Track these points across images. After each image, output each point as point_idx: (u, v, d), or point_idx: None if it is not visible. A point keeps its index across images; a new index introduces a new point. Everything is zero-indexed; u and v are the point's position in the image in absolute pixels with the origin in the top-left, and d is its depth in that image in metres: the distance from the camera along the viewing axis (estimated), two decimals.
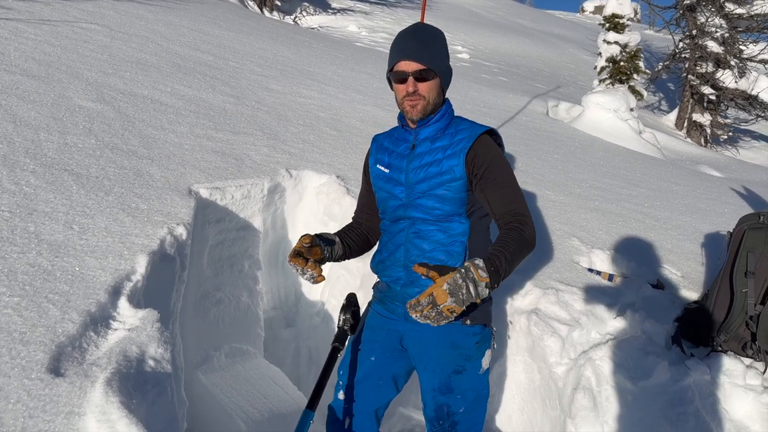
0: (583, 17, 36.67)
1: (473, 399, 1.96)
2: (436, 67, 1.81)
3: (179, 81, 4.25)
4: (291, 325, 3.57)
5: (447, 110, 1.92)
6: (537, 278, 2.98)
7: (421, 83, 1.81)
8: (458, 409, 1.95)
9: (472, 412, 1.97)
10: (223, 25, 7.15)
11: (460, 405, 1.95)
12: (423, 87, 1.81)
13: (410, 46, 1.80)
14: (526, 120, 7.05)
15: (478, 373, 1.95)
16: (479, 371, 1.95)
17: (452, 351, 1.92)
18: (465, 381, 1.94)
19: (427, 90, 1.82)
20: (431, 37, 1.84)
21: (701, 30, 12.73)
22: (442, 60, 1.84)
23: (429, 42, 1.82)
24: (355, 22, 16.03)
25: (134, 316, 1.84)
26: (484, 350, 1.95)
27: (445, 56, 1.87)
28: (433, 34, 1.85)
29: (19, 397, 1.43)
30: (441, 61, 1.84)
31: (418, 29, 1.85)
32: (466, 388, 1.94)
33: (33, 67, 3.49)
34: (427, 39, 1.82)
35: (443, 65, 1.85)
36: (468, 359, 1.93)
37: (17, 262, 1.88)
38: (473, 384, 1.95)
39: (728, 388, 2.53)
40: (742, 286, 2.64)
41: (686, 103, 13.27)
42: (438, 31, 1.88)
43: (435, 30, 1.88)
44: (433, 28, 1.88)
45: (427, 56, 1.79)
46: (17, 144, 2.57)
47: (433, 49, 1.82)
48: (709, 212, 4.58)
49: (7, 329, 1.61)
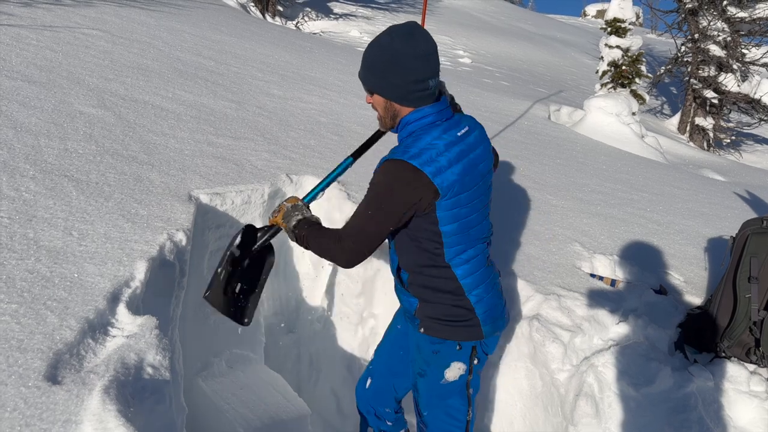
0: (585, 21, 36.69)
1: (436, 408, 2.16)
2: (369, 85, 1.93)
3: (180, 86, 4.25)
4: (291, 331, 3.56)
5: (403, 127, 1.95)
6: (538, 284, 2.96)
7: (370, 97, 1.97)
8: (423, 410, 2.20)
9: (438, 421, 2.18)
10: (225, 30, 7.16)
11: (424, 407, 2.20)
12: (370, 99, 1.97)
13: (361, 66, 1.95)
14: (528, 124, 7.04)
15: (440, 383, 2.11)
16: (441, 381, 2.10)
17: (417, 354, 2.16)
18: (426, 385, 2.15)
19: (374, 104, 1.97)
20: (368, 56, 1.90)
21: (703, 34, 12.71)
22: (376, 78, 1.89)
23: (365, 62, 1.91)
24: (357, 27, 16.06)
25: (133, 322, 1.83)
26: (447, 362, 2.08)
27: (383, 73, 1.87)
28: (372, 54, 1.89)
29: (15, 405, 1.42)
30: (376, 79, 1.90)
31: (365, 50, 1.92)
32: (428, 393, 2.16)
33: (34, 72, 3.50)
34: (365, 59, 1.91)
35: (378, 83, 1.90)
36: (428, 365, 2.12)
37: (16, 269, 1.87)
38: (435, 391, 2.14)
39: (732, 394, 2.51)
40: (745, 292, 2.63)
41: (688, 107, 13.25)
42: (377, 50, 1.88)
43: (377, 48, 1.88)
44: (376, 45, 1.89)
45: (363, 77, 1.94)
46: (17, 150, 2.56)
47: (367, 69, 1.91)
48: (712, 216, 4.56)
49: (5, 336, 1.61)
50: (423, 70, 1.84)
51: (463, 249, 1.99)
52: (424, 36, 1.84)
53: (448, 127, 1.90)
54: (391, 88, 1.88)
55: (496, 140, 5.64)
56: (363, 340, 3.27)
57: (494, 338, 2.19)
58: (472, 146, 1.94)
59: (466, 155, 1.89)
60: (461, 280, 2.02)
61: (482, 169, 1.98)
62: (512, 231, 3.51)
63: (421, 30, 1.86)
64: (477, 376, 2.18)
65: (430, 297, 2.06)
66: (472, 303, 2.04)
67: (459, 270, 2.00)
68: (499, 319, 2.12)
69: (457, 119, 1.96)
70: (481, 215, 2.01)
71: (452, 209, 1.88)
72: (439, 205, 1.86)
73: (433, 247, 1.96)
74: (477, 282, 2.04)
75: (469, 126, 1.98)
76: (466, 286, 2.03)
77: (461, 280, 2.01)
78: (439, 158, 1.82)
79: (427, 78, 1.86)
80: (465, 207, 1.91)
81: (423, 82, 1.85)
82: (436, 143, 1.85)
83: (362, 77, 1.93)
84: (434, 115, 1.90)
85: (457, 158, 1.86)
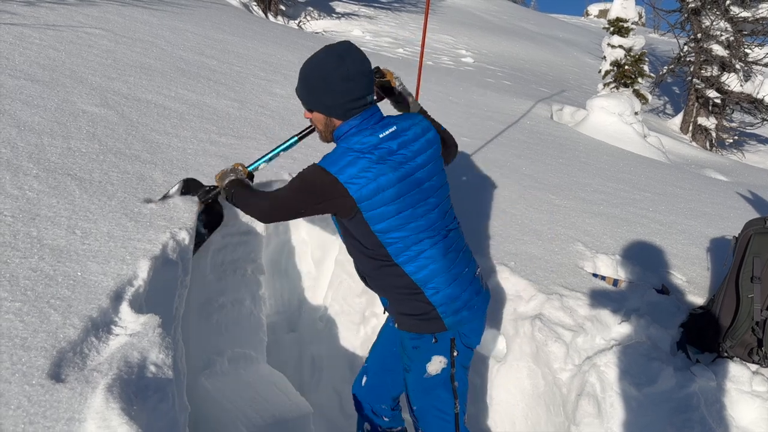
0: (588, 21, 36.63)
1: (424, 403, 2.23)
2: (309, 105, 2.05)
3: (183, 85, 4.25)
4: (294, 330, 3.56)
5: (336, 139, 2.06)
6: (541, 283, 2.96)
7: (308, 112, 2.08)
8: (413, 405, 2.28)
9: (427, 416, 2.25)
10: (228, 29, 7.16)
11: (413, 402, 2.27)
12: (309, 115, 2.09)
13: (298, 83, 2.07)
14: (531, 124, 7.04)
15: (423, 377, 2.17)
16: (424, 375, 2.16)
17: (402, 350, 2.25)
18: (412, 380, 2.22)
19: (314, 120, 2.08)
20: (306, 78, 2.01)
21: (706, 33, 12.69)
22: (316, 98, 2.01)
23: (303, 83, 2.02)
24: (360, 26, 16.05)
25: (136, 321, 1.83)
26: (427, 356, 2.14)
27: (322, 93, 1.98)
28: (309, 76, 1.99)
29: (19, 403, 1.43)
30: (315, 99, 2.01)
31: (302, 67, 2.03)
32: (415, 388, 2.24)
33: (37, 71, 3.50)
34: (303, 81, 2.02)
35: (318, 102, 2.01)
36: (411, 360, 2.19)
37: (19, 267, 1.87)
38: (420, 386, 2.21)
39: (734, 394, 2.51)
40: (748, 292, 2.62)
41: (691, 106, 13.23)
42: (310, 69, 1.99)
43: (309, 67, 2.00)
44: (308, 66, 2.00)
45: (301, 96, 2.06)
46: (21, 148, 2.57)
47: (307, 90, 2.02)
48: (715, 216, 4.55)
49: (9, 335, 1.61)
50: (357, 90, 1.96)
51: (407, 245, 2.02)
52: (355, 57, 1.95)
53: (370, 133, 1.98)
54: (329, 107, 2.00)
55: (499, 140, 5.64)
56: (365, 339, 3.27)
57: (473, 330, 2.20)
58: (401, 145, 2.00)
59: (389, 156, 1.96)
60: (413, 276, 2.05)
61: (415, 165, 2.02)
62: (515, 230, 3.51)
63: (354, 51, 1.97)
64: (461, 369, 2.20)
65: (392, 295, 2.15)
66: (428, 296, 2.07)
67: (408, 267, 2.04)
68: (462, 309, 2.12)
69: (384, 123, 2.03)
70: (420, 210, 2.02)
71: (377, 208, 1.94)
72: (362, 208, 1.93)
73: (376, 248, 2.03)
74: (432, 275, 2.06)
75: (399, 125, 2.04)
76: (420, 281, 2.06)
77: (413, 276, 2.05)
78: (354, 162, 1.92)
79: (364, 95, 1.98)
80: (393, 204, 1.95)
81: (362, 98, 1.98)
82: (354, 147, 1.96)
83: (300, 97, 2.06)
84: (357, 126, 2.00)
85: (375, 161, 1.93)
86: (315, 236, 3.50)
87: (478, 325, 2.23)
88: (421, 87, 3.55)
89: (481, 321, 2.25)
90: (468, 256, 2.23)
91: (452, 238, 2.14)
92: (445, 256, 2.09)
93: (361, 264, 2.17)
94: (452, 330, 2.12)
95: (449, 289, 2.09)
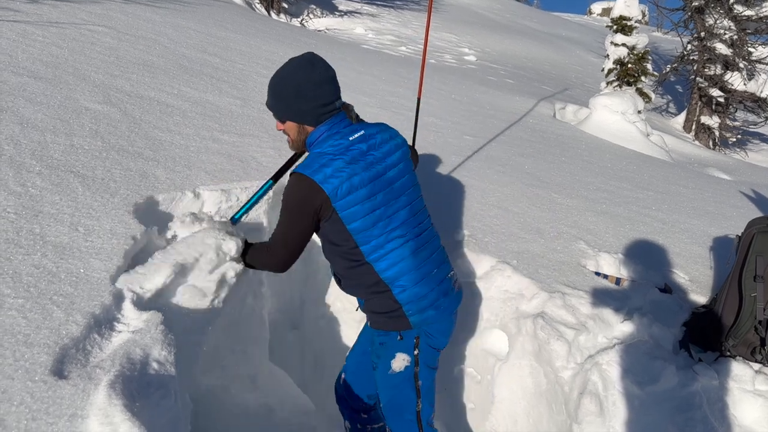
0: (591, 19, 36.56)
1: (390, 400, 2.29)
2: (281, 114, 2.12)
3: (186, 83, 4.25)
4: (296, 328, 3.56)
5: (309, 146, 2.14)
6: (543, 282, 2.96)
7: (280, 123, 2.15)
8: (381, 401, 2.33)
9: (392, 413, 2.31)
10: (230, 27, 7.16)
11: (381, 398, 2.32)
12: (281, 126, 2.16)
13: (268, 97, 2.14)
14: (533, 122, 7.02)
15: (387, 373, 2.22)
16: (388, 371, 2.22)
17: (371, 348, 2.31)
18: (379, 377, 2.28)
19: (286, 129, 2.15)
20: (276, 88, 2.09)
21: (710, 32, 12.66)
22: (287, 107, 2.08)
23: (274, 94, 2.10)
24: (362, 24, 16.04)
25: (138, 318, 1.84)
26: (392, 353, 2.20)
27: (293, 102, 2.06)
28: (279, 86, 2.07)
29: (22, 399, 1.43)
30: (287, 108, 2.09)
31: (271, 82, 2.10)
32: (381, 384, 2.29)
33: (40, 69, 3.51)
34: (274, 92, 2.10)
35: (290, 111, 2.09)
36: (378, 357, 2.25)
37: (22, 264, 1.88)
38: (385, 382, 2.27)
39: (737, 393, 2.51)
40: (751, 291, 2.62)
41: (694, 105, 13.20)
42: (283, 82, 2.06)
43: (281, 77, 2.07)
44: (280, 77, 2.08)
45: (272, 108, 2.13)
46: (24, 146, 2.57)
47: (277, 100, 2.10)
48: (718, 215, 4.54)
49: (12, 331, 1.61)
50: (328, 95, 2.06)
51: (379, 244, 2.07)
52: (322, 64, 2.07)
53: (340, 137, 2.07)
54: (302, 114, 2.08)
55: (501, 138, 5.63)
56: None
57: (440, 330, 2.23)
58: (371, 147, 2.09)
59: (360, 156, 2.05)
60: (381, 274, 2.10)
61: (386, 166, 2.10)
62: (517, 228, 3.51)
63: (319, 59, 2.09)
64: (426, 368, 2.24)
65: (363, 294, 2.21)
66: (394, 294, 2.12)
67: (378, 264, 2.09)
68: (428, 309, 2.16)
69: (353, 128, 2.12)
70: (392, 208, 2.09)
71: (350, 207, 2.01)
72: (337, 206, 2.00)
73: (349, 248, 2.09)
74: (400, 273, 2.11)
75: (366, 131, 2.13)
76: (388, 279, 2.11)
77: (381, 273, 2.10)
78: (328, 164, 2.00)
79: (334, 100, 2.09)
80: (366, 203, 2.02)
81: (331, 104, 2.08)
82: (327, 150, 2.05)
83: (273, 108, 2.13)
84: (327, 131, 2.08)
85: (348, 161, 2.02)
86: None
87: (445, 326, 2.26)
88: (423, 85, 3.54)
89: (449, 322, 2.27)
90: (441, 257, 2.27)
91: (424, 238, 2.20)
92: (414, 254, 2.13)
93: (335, 265, 2.22)
94: (417, 329, 2.17)
95: (416, 288, 2.13)
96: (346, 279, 2.22)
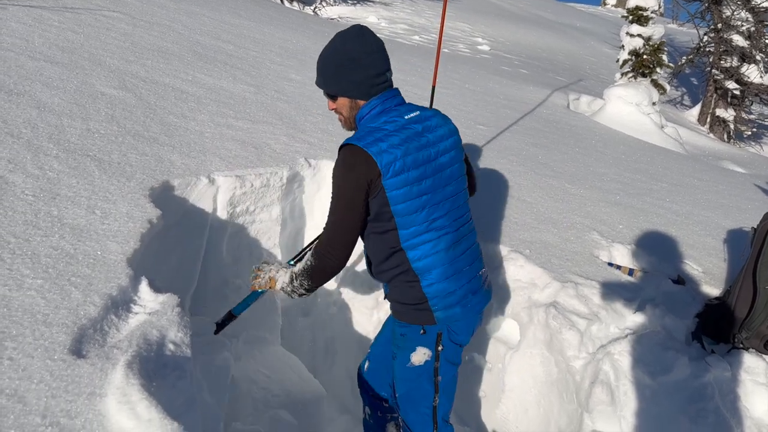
0: (605, 10, 36.21)
1: (406, 392, 2.24)
2: (332, 90, 2.04)
3: (200, 69, 4.26)
4: (307, 315, 3.58)
5: (359, 122, 2.06)
6: (556, 271, 2.96)
7: (332, 102, 2.08)
8: (397, 392, 2.27)
9: (406, 405, 2.26)
10: (244, 14, 7.16)
11: (397, 389, 2.27)
12: (333, 105, 2.09)
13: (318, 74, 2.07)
14: (547, 113, 6.99)
15: (406, 366, 2.17)
16: (407, 364, 2.17)
17: (392, 337, 2.25)
18: (397, 367, 2.23)
19: (338, 108, 2.08)
20: (325, 63, 2.03)
21: (726, 23, 12.51)
22: (338, 81, 2.01)
23: (324, 70, 2.03)
24: (375, 12, 15.98)
25: (155, 300, 1.85)
26: (413, 346, 2.15)
27: (344, 75, 1.99)
28: (329, 60, 2.01)
29: (42, 377, 1.45)
30: (338, 83, 2.01)
31: (320, 59, 2.04)
32: (399, 376, 2.24)
33: (56, 54, 3.53)
34: (324, 67, 2.03)
35: (341, 85, 2.02)
36: (398, 348, 2.20)
37: (40, 246, 1.90)
38: (402, 374, 2.21)
39: (749, 385, 2.50)
40: (765, 283, 2.60)
41: (709, 98, 13.07)
42: (334, 56, 2.00)
43: (331, 50, 2.01)
44: (330, 50, 2.02)
45: (324, 84, 2.06)
46: (41, 129, 2.59)
47: (327, 75, 2.03)
48: (732, 208, 4.51)
49: (31, 311, 1.64)
50: (380, 64, 1.99)
51: (418, 231, 2.00)
52: (371, 34, 2.01)
53: (397, 114, 2.00)
54: (355, 86, 2.00)
55: (515, 128, 5.61)
56: (378, 324, 3.28)
57: (464, 328, 2.16)
58: (426, 129, 2.02)
59: (416, 136, 1.97)
60: (413, 263, 2.03)
61: (439, 150, 2.03)
62: (530, 218, 3.50)
63: (368, 29, 2.01)
64: (447, 364, 2.17)
65: (391, 281, 2.13)
66: (423, 287, 2.05)
67: (412, 252, 2.02)
68: (455, 306, 2.09)
69: (408, 106, 2.05)
70: (438, 196, 2.02)
71: (400, 188, 1.92)
72: (386, 184, 1.91)
73: (387, 229, 2.01)
74: (431, 266, 2.04)
75: (422, 112, 2.06)
76: (418, 269, 2.04)
77: (413, 262, 2.03)
78: (384, 138, 1.91)
79: (385, 70, 2.01)
80: (415, 186, 1.95)
81: (383, 74, 2.01)
82: (383, 126, 1.96)
83: (323, 84, 2.05)
84: (381, 104, 2.01)
85: (404, 139, 1.94)
86: None
87: (470, 323, 2.18)
88: (438, 74, 3.53)
89: (474, 320, 2.20)
90: (475, 254, 2.20)
91: (462, 232, 2.12)
92: (449, 248, 2.06)
93: (370, 247, 2.13)
94: (441, 324, 2.10)
95: (445, 283, 2.06)
96: (378, 264, 2.13)
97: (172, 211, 2.48)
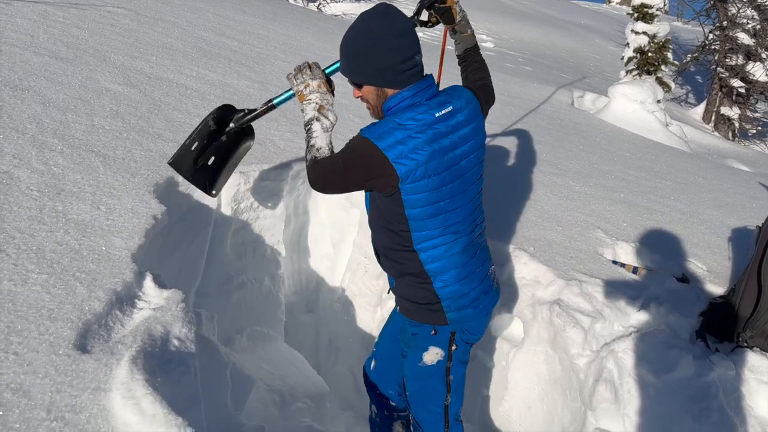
0: (610, 8, 36.09)
1: (417, 390, 2.20)
2: (356, 77, 1.88)
3: (204, 65, 4.26)
4: (311, 311, 3.59)
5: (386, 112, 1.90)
6: (560, 269, 2.95)
7: (358, 90, 1.92)
8: (407, 390, 2.23)
9: (417, 404, 2.22)
10: (248, 10, 7.15)
11: (407, 387, 2.22)
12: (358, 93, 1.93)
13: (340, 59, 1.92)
14: (551, 110, 6.97)
15: (418, 365, 2.13)
16: (419, 363, 2.12)
17: (402, 335, 2.20)
18: (407, 366, 2.18)
19: (364, 96, 1.92)
20: (348, 47, 1.87)
21: (732, 21, 12.45)
22: (362, 67, 1.85)
23: (346, 54, 1.88)
24: None
25: (159, 296, 1.86)
26: (425, 345, 2.10)
27: (368, 60, 1.82)
28: (351, 44, 1.85)
29: (47, 372, 1.46)
30: (362, 69, 1.86)
31: (343, 42, 1.88)
32: (409, 375, 2.19)
33: (61, 49, 3.53)
34: (346, 51, 1.87)
35: (365, 72, 1.86)
36: (408, 347, 2.15)
37: (45, 241, 1.90)
38: (413, 373, 2.16)
39: (753, 384, 2.49)
40: None
41: (714, 96, 13.02)
42: (356, 39, 1.83)
43: (354, 34, 1.84)
44: (352, 33, 1.85)
45: (347, 71, 1.90)
46: (46, 125, 2.59)
47: (350, 61, 1.87)
48: (737, 206, 4.50)
49: (36, 306, 1.64)
50: (408, 48, 1.81)
51: (431, 235, 1.93)
52: (398, 13, 1.82)
53: (426, 109, 1.83)
54: (380, 73, 1.83)
55: (519, 125, 5.60)
56: (381, 320, 3.28)
57: (475, 327, 2.14)
58: (454, 128, 1.87)
59: (441, 138, 1.83)
60: (426, 265, 1.98)
61: (461, 153, 1.90)
62: (534, 216, 3.49)
63: (394, 8, 1.83)
64: (458, 363, 2.15)
65: (401, 278, 2.08)
66: (435, 288, 2.00)
67: (424, 254, 1.96)
68: (468, 307, 2.05)
69: (439, 100, 1.88)
70: (456, 202, 1.93)
71: (418, 193, 1.83)
72: (404, 189, 1.81)
73: (401, 230, 1.94)
74: (445, 268, 1.99)
75: (454, 104, 1.90)
76: (431, 271, 1.99)
77: (426, 264, 1.98)
78: (406, 141, 1.77)
79: (414, 54, 1.83)
80: (434, 193, 1.86)
81: (411, 59, 1.82)
82: (408, 123, 1.80)
83: (347, 71, 1.90)
84: (412, 98, 1.85)
85: (428, 141, 1.80)
86: (334, 218, 3.51)
87: (481, 323, 2.16)
88: (442, 72, 3.52)
89: (485, 319, 2.18)
90: (485, 254, 2.16)
91: (475, 235, 2.07)
92: (463, 251, 2.01)
93: (381, 240, 2.06)
94: (453, 325, 2.07)
95: (458, 285, 2.02)
96: (388, 259, 2.07)
97: (177, 207, 2.49)
